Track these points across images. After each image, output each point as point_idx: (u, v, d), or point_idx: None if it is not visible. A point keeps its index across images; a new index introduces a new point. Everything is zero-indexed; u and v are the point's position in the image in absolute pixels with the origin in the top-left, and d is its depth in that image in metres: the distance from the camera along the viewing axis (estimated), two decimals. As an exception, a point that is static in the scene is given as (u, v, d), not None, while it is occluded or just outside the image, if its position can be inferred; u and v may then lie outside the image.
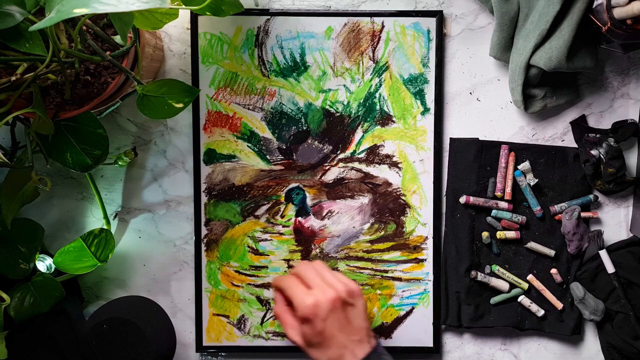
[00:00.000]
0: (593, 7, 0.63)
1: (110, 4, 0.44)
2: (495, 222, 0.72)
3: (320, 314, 0.60)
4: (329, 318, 0.60)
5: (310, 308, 0.60)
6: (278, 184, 0.73)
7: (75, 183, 0.74)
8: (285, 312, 0.64)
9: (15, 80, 0.57)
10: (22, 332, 0.68)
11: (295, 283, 0.63)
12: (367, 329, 0.62)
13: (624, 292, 0.71)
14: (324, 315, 0.60)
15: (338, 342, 0.61)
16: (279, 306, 0.65)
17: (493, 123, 0.73)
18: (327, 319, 0.60)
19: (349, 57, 0.72)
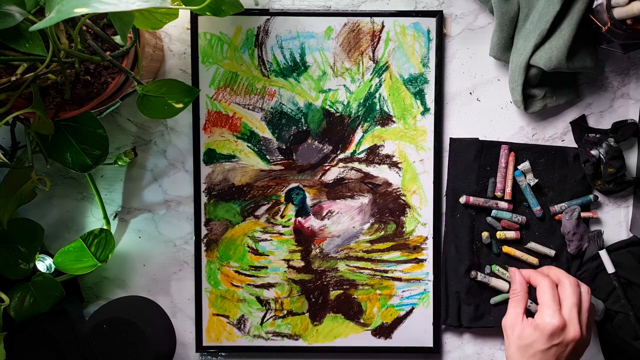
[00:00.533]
0: (593, 7, 0.63)
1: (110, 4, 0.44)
2: (495, 222, 0.72)
3: (555, 340, 0.60)
4: (557, 348, 0.60)
5: (555, 327, 0.59)
6: (278, 184, 0.73)
7: (75, 183, 0.74)
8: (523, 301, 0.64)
9: (15, 80, 0.57)
10: (22, 332, 0.68)
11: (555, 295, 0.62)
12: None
13: (624, 292, 0.71)
14: (557, 342, 0.60)
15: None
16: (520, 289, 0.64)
17: (493, 123, 0.73)
18: (556, 347, 0.60)
19: (349, 57, 0.72)
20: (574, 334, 0.60)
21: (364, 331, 0.74)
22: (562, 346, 0.60)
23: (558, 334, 0.60)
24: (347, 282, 0.73)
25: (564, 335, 0.60)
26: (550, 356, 0.60)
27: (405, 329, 0.74)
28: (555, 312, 0.60)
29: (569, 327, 0.60)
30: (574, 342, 0.60)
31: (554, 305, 0.61)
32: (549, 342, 0.60)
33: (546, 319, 0.60)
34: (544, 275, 0.64)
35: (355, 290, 0.73)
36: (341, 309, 0.73)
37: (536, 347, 0.60)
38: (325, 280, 0.73)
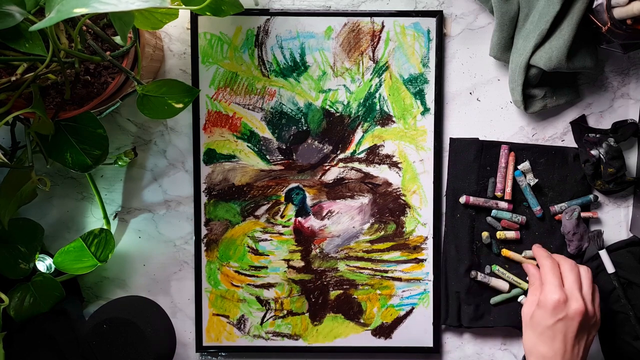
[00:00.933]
0: (593, 7, 0.63)
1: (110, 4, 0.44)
2: (495, 222, 0.72)
3: (559, 314, 0.61)
4: (563, 322, 0.61)
5: (554, 302, 0.61)
6: (278, 184, 0.73)
7: (75, 183, 0.74)
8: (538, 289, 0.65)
9: (15, 80, 0.57)
10: (22, 332, 0.68)
11: (555, 272, 0.64)
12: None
13: (624, 292, 0.71)
14: (562, 316, 0.61)
15: (554, 345, 0.62)
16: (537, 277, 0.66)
17: (493, 123, 0.73)
18: (561, 321, 0.61)
19: (349, 57, 0.72)
20: (576, 306, 0.61)
21: (364, 331, 0.74)
22: (568, 320, 0.61)
23: (561, 307, 0.61)
24: (347, 282, 0.73)
25: (567, 308, 0.61)
26: (558, 332, 0.61)
27: (405, 329, 0.74)
28: (556, 287, 0.62)
29: (571, 301, 0.61)
30: (579, 316, 0.61)
31: (555, 280, 0.63)
32: (554, 317, 0.61)
33: (548, 294, 0.62)
34: (548, 256, 0.66)
35: (355, 290, 0.73)
36: (341, 309, 0.73)
37: (543, 324, 0.62)
38: (325, 280, 0.73)
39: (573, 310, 0.61)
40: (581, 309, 0.61)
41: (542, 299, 0.62)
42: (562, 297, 0.61)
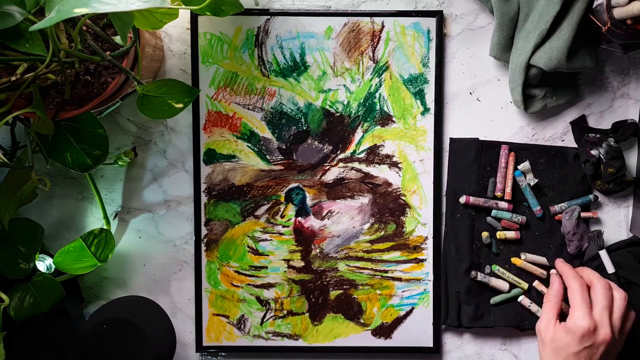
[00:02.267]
0: (593, 7, 0.63)
1: (110, 4, 0.44)
2: (495, 222, 0.72)
3: (586, 342, 0.61)
4: (590, 349, 0.61)
5: (586, 330, 0.60)
6: (278, 184, 0.73)
7: (75, 183, 0.74)
8: (557, 305, 0.65)
9: (15, 80, 0.57)
10: (22, 332, 0.68)
11: (585, 296, 0.63)
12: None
13: (624, 292, 0.71)
14: (589, 344, 0.61)
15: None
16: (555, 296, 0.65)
17: (493, 123, 0.73)
18: (588, 349, 0.61)
19: (349, 57, 0.72)
20: (604, 336, 0.61)
21: (364, 331, 0.74)
22: (594, 348, 0.61)
23: (589, 336, 0.60)
24: (347, 282, 0.73)
25: (594, 337, 0.61)
26: (582, 358, 0.61)
27: (405, 329, 0.73)
28: (586, 315, 0.61)
29: (600, 329, 0.61)
30: (605, 345, 0.61)
31: (585, 307, 0.61)
32: (581, 345, 0.61)
33: (577, 321, 0.61)
34: (576, 276, 0.65)
35: (355, 290, 0.73)
36: (341, 309, 0.73)
37: (569, 350, 0.61)
38: (325, 280, 0.73)
39: (601, 339, 0.61)
40: (609, 338, 0.61)
41: (571, 325, 0.61)
42: (591, 326, 0.60)
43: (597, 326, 0.61)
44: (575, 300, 0.63)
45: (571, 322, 0.61)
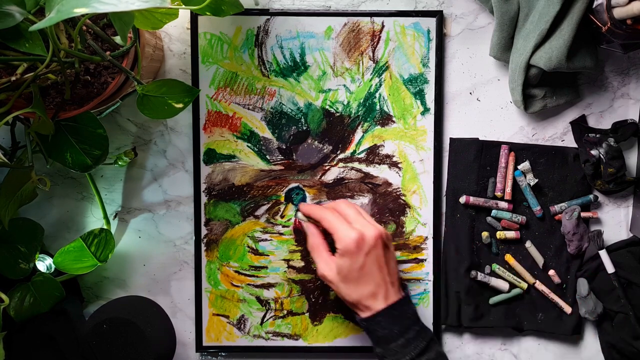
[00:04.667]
0: (593, 7, 0.63)
1: (110, 4, 0.44)
2: (495, 222, 0.72)
3: (364, 248, 0.62)
4: (370, 254, 0.62)
5: (356, 241, 0.61)
6: (278, 184, 0.73)
7: (75, 183, 0.74)
8: (321, 246, 0.66)
9: (15, 80, 0.57)
10: (22, 332, 0.68)
11: (337, 216, 0.64)
12: (398, 274, 0.65)
13: (624, 292, 0.71)
14: (367, 249, 0.62)
15: (375, 280, 0.62)
16: (315, 239, 0.66)
17: (493, 123, 0.74)
18: (369, 254, 0.62)
19: (349, 57, 0.72)
20: (374, 233, 0.62)
21: (364, 331, 0.74)
22: (373, 250, 0.62)
23: (362, 243, 0.62)
24: (347, 282, 0.73)
25: (366, 240, 0.62)
26: (371, 265, 0.62)
27: (405, 329, 0.73)
28: (348, 229, 0.62)
29: (366, 231, 0.62)
30: (380, 239, 0.63)
31: (343, 224, 0.63)
32: (361, 255, 0.62)
33: (345, 239, 0.62)
34: (321, 207, 0.67)
35: (355, 290, 0.73)
36: (341, 309, 0.73)
37: (355, 267, 0.62)
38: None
39: (373, 239, 0.62)
40: (377, 233, 0.63)
41: (343, 247, 0.62)
42: (358, 233, 0.62)
43: (362, 230, 0.62)
44: (332, 225, 0.64)
45: (341, 243, 0.62)
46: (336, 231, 0.63)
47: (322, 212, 0.65)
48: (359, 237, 0.62)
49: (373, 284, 0.62)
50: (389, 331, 0.62)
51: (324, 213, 0.65)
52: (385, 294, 0.62)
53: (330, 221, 0.64)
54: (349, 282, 0.62)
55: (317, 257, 0.65)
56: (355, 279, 0.62)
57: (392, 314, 0.62)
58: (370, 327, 0.63)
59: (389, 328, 0.62)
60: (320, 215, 0.65)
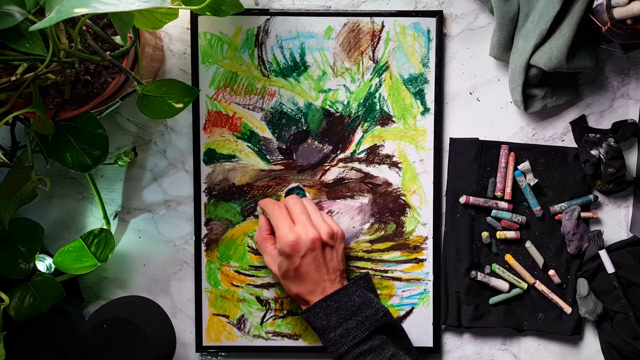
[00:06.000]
0: (593, 7, 0.63)
1: (110, 4, 0.44)
2: (495, 222, 0.72)
3: (299, 252, 0.63)
4: (307, 256, 0.64)
5: (290, 245, 0.63)
6: (278, 184, 0.73)
7: (75, 183, 0.74)
8: (266, 240, 0.68)
9: (15, 80, 0.57)
10: (22, 332, 0.68)
11: (283, 215, 0.66)
12: (342, 271, 0.67)
13: (623, 292, 0.71)
14: (302, 253, 0.63)
15: (312, 279, 0.64)
16: (262, 233, 0.69)
17: (493, 123, 0.73)
18: (305, 256, 0.64)
19: (349, 57, 0.72)
20: (311, 237, 0.63)
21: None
22: (310, 252, 0.64)
23: (298, 245, 0.63)
24: (347, 282, 0.73)
25: (302, 244, 0.63)
26: (307, 265, 0.64)
27: (405, 329, 0.73)
28: (288, 230, 0.64)
29: (303, 235, 0.63)
30: (318, 242, 0.64)
31: (285, 224, 0.65)
32: (297, 256, 0.64)
33: (282, 240, 0.64)
34: (273, 203, 0.68)
35: (355, 290, 0.73)
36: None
37: (291, 268, 0.64)
38: (325, 280, 0.73)
39: (309, 242, 0.63)
40: (316, 236, 0.63)
41: (280, 247, 0.64)
42: (294, 237, 0.63)
43: (300, 234, 0.63)
44: (276, 223, 0.65)
45: (279, 243, 0.64)
46: (277, 230, 0.65)
47: (272, 209, 0.67)
48: (294, 240, 0.63)
49: (310, 283, 0.65)
50: (327, 322, 0.64)
51: (273, 210, 0.67)
52: (322, 291, 0.65)
53: (275, 219, 0.66)
54: (287, 278, 0.65)
55: (262, 250, 0.69)
56: (293, 277, 0.65)
57: (329, 305, 0.64)
58: (309, 319, 0.65)
59: (326, 319, 0.64)
60: (269, 212, 0.67)
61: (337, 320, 0.63)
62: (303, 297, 0.65)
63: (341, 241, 0.67)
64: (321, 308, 0.64)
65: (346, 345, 0.62)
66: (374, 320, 0.64)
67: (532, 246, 0.73)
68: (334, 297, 0.64)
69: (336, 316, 0.64)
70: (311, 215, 0.67)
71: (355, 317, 0.64)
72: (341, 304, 0.64)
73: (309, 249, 0.63)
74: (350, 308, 0.64)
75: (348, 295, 0.65)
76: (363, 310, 0.64)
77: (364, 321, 0.64)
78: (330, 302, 0.64)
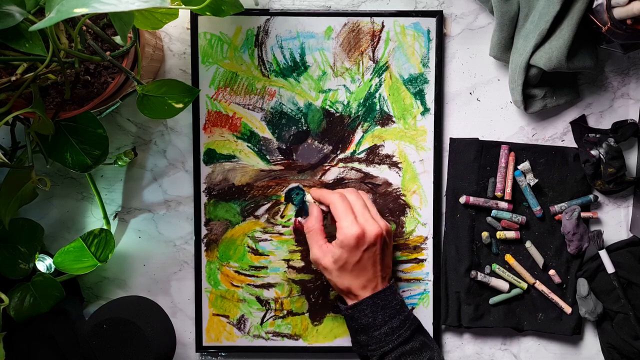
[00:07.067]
0: (593, 7, 0.63)
1: (110, 4, 0.44)
2: (495, 222, 0.72)
3: (363, 245, 0.63)
4: (368, 250, 0.64)
5: (356, 237, 0.63)
6: (278, 184, 0.73)
7: (75, 183, 0.74)
8: (320, 232, 0.67)
9: (15, 80, 0.57)
10: (22, 332, 0.68)
11: (347, 207, 0.65)
12: (391, 268, 0.68)
13: (624, 292, 0.71)
14: (366, 246, 0.63)
15: (367, 274, 0.64)
16: (315, 222, 0.67)
17: (493, 123, 0.73)
18: (367, 251, 0.63)
19: (349, 57, 0.72)
20: (375, 232, 0.63)
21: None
22: (372, 247, 0.64)
23: (363, 239, 0.63)
24: (347, 282, 0.73)
25: (367, 238, 0.63)
26: (367, 261, 0.64)
27: (405, 329, 0.73)
28: (352, 222, 0.63)
29: (368, 228, 0.63)
30: (380, 238, 0.64)
31: (349, 216, 0.64)
32: (359, 251, 0.63)
33: (347, 231, 0.63)
34: (333, 192, 0.68)
35: (355, 290, 0.73)
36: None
37: (352, 262, 0.64)
38: (325, 280, 0.73)
39: (373, 237, 0.63)
40: (379, 232, 0.64)
41: (343, 238, 0.63)
42: (360, 230, 0.63)
43: (365, 227, 0.63)
44: (338, 213, 0.65)
45: (342, 234, 0.63)
46: (340, 221, 0.64)
47: (332, 197, 0.66)
48: (360, 233, 0.63)
49: (365, 278, 0.64)
50: (373, 319, 0.64)
51: (334, 198, 0.66)
52: (374, 287, 0.65)
53: (338, 209, 0.65)
54: (343, 272, 0.64)
55: (312, 241, 0.67)
56: (350, 271, 0.64)
57: (376, 303, 0.64)
58: (355, 315, 0.65)
59: (372, 316, 0.64)
60: (330, 200, 0.66)
61: (383, 319, 0.64)
62: (354, 291, 0.65)
63: (392, 240, 0.68)
64: (368, 305, 0.64)
65: (391, 344, 0.63)
66: (413, 320, 0.65)
67: (532, 246, 0.73)
68: (382, 295, 0.64)
69: (382, 314, 0.64)
70: (370, 210, 0.66)
71: (398, 316, 0.64)
72: (387, 302, 0.64)
73: (372, 244, 0.63)
74: (395, 307, 0.64)
75: (393, 294, 0.65)
76: (404, 309, 0.65)
77: (406, 320, 0.64)
78: (378, 300, 0.64)
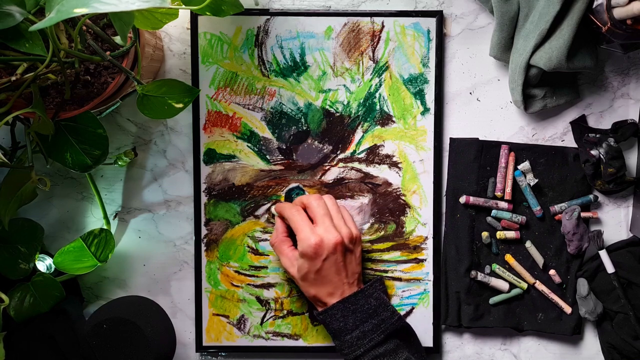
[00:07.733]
0: (593, 7, 0.63)
1: (110, 4, 0.44)
2: (495, 222, 0.72)
3: (321, 255, 0.63)
4: (328, 259, 0.64)
5: (313, 247, 0.63)
6: (278, 184, 0.73)
7: (75, 183, 0.74)
8: (283, 243, 0.68)
9: (15, 80, 0.57)
10: (22, 332, 0.68)
11: (303, 217, 0.65)
12: (359, 273, 0.67)
13: (623, 292, 0.71)
14: (325, 255, 0.63)
15: (331, 282, 0.64)
16: (279, 236, 0.68)
17: (493, 123, 0.74)
18: (327, 260, 0.63)
19: (349, 57, 0.72)
20: (334, 240, 0.63)
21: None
22: (331, 255, 0.64)
23: (320, 249, 0.63)
24: (347, 282, 0.73)
25: (324, 247, 0.63)
26: (328, 269, 0.64)
27: (405, 329, 0.74)
28: (310, 233, 0.63)
29: (326, 237, 0.63)
30: (340, 245, 0.64)
31: (305, 226, 0.64)
32: (319, 260, 0.63)
33: (304, 243, 0.63)
34: (291, 205, 0.68)
35: (355, 290, 0.73)
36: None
37: (312, 271, 0.64)
38: (325, 280, 0.73)
39: (332, 245, 0.63)
40: (338, 240, 0.63)
41: (301, 250, 0.64)
42: (317, 240, 0.63)
43: (323, 236, 0.63)
44: (296, 225, 0.65)
45: (300, 246, 0.64)
46: (298, 233, 0.65)
47: (290, 212, 0.67)
48: (317, 243, 0.63)
49: (331, 286, 0.64)
50: (344, 323, 0.64)
51: (292, 213, 0.66)
52: (341, 293, 0.65)
53: (295, 222, 0.65)
54: (306, 281, 0.65)
55: (278, 252, 0.68)
56: (313, 280, 0.64)
57: (347, 307, 0.64)
58: (325, 320, 0.65)
59: (343, 320, 0.64)
60: (288, 215, 0.67)
61: (354, 323, 0.64)
62: (321, 299, 0.65)
63: (359, 244, 0.67)
64: (338, 310, 0.64)
65: (362, 348, 0.62)
66: (390, 324, 0.64)
67: (532, 246, 0.73)
68: (352, 299, 0.64)
69: (353, 318, 0.64)
70: (333, 217, 0.66)
71: (371, 320, 0.64)
72: (358, 306, 0.64)
73: (331, 253, 0.63)
74: (367, 311, 0.64)
75: (365, 297, 0.65)
76: (379, 313, 0.65)
77: (380, 324, 0.64)
78: (348, 304, 0.64)
